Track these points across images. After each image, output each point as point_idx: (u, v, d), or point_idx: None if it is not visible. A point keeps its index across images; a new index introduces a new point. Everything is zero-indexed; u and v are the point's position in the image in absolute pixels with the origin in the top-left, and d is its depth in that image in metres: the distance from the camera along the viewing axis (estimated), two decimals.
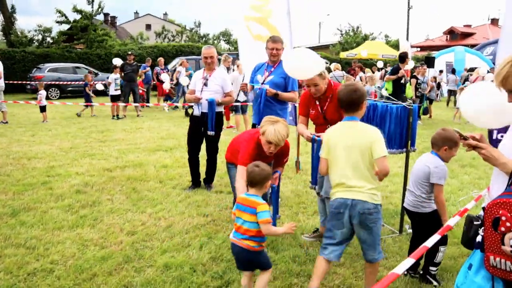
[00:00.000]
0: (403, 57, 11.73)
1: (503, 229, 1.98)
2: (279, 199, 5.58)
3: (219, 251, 4.13)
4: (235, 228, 3.09)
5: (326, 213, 4.33)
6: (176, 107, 15.84)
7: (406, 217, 4.93)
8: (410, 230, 4.72)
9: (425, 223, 3.64)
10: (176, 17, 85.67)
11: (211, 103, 5.43)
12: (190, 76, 13.92)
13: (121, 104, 13.83)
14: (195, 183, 6.11)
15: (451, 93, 18.34)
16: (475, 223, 2.25)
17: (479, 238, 2.15)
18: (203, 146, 5.97)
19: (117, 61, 14.70)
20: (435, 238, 2.81)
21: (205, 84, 5.54)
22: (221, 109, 5.68)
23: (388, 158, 3.03)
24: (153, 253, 4.09)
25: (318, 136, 3.96)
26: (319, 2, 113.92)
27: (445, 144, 3.50)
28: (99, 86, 15.93)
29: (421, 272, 3.73)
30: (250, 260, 3.09)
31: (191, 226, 4.76)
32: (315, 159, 4.19)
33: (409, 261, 2.41)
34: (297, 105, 7.08)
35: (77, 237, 4.46)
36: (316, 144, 4.11)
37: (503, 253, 2.00)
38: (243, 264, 3.16)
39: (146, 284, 3.52)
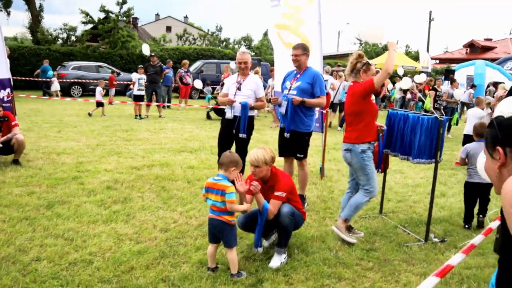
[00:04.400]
0: None
1: None
2: (306, 204, 5.71)
3: (250, 251, 4.25)
4: (211, 207, 3.73)
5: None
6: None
7: (431, 227, 5.04)
8: (436, 239, 4.81)
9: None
10: (196, 20, 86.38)
11: (245, 106, 5.57)
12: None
13: (143, 103, 14.03)
14: None
15: (464, 105, 18.12)
16: None
17: None
18: (233, 149, 6.09)
19: (145, 48, 14.78)
20: (459, 256, 2.92)
21: (239, 89, 5.69)
22: (253, 113, 5.82)
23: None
24: (187, 250, 4.23)
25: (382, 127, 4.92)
26: (338, 11, 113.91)
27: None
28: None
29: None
30: (222, 230, 3.70)
31: None
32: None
33: (433, 279, 2.52)
34: (324, 111, 7.19)
35: (112, 231, 4.62)
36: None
37: None
38: (215, 235, 3.78)
39: (183, 279, 3.65)
